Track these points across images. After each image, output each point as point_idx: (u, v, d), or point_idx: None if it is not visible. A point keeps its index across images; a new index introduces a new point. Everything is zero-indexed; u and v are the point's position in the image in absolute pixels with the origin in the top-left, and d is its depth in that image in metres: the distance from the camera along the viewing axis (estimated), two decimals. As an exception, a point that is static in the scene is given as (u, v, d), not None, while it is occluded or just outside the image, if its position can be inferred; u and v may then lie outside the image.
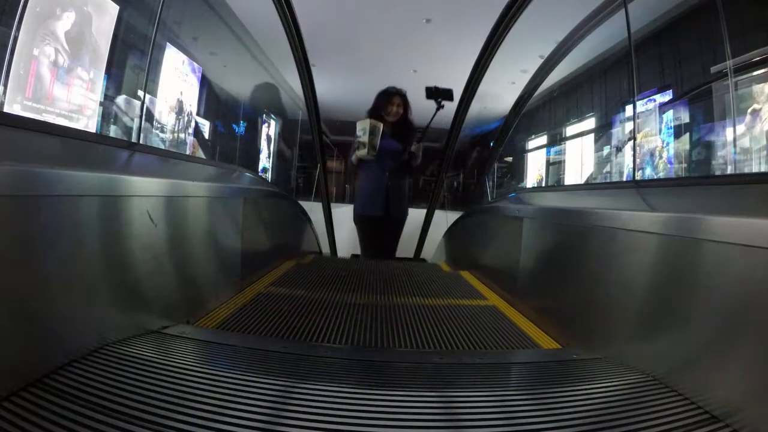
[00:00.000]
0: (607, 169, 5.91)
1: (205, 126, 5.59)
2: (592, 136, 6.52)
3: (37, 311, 0.65)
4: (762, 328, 0.59)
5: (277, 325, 1.16)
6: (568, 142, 7.18)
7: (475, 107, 3.74)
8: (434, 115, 2.91)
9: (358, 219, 3.20)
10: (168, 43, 4.24)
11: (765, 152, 3.41)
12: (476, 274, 2.16)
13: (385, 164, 3.00)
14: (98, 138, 1.91)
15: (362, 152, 2.87)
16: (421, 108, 3.05)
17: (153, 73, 3.97)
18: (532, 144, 8.36)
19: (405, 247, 3.36)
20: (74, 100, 2.92)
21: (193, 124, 5.07)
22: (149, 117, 4.07)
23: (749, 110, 3.56)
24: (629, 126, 5.37)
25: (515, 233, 1.60)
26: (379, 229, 3.12)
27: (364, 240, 3.24)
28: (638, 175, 4.72)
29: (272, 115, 8.02)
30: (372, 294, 1.68)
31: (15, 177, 0.61)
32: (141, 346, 0.83)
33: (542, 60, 3.79)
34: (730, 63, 3.36)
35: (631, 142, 5.13)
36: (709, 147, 4.16)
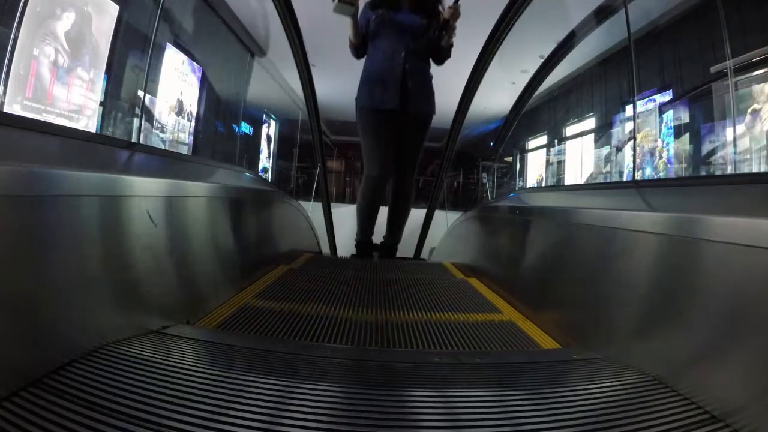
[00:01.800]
0: (607, 169, 5.92)
1: (205, 126, 5.59)
2: (592, 136, 6.53)
3: (37, 311, 0.65)
4: (762, 328, 0.60)
5: (278, 325, 1.16)
6: (568, 142, 7.19)
7: (476, 107, 3.74)
8: None
9: (361, 117, 2.27)
10: (168, 43, 4.24)
11: (765, 152, 3.41)
12: (475, 273, 2.16)
13: (402, 41, 2.18)
14: (98, 138, 1.91)
15: (334, 5, 2.06)
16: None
17: (153, 73, 3.98)
18: (532, 144, 8.38)
19: (404, 247, 3.31)
20: (74, 100, 2.92)
21: (192, 123, 5.07)
22: (149, 117, 4.07)
23: (749, 110, 3.56)
24: (629, 126, 5.37)
25: (515, 233, 1.60)
26: (391, 131, 2.23)
27: (369, 150, 2.24)
28: (638, 175, 4.72)
29: (272, 115, 8.04)
30: (372, 275, 1.89)
31: (15, 177, 0.61)
32: (141, 346, 0.83)
33: (542, 60, 3.79)
34: (730, 63, 3.36)
35: (631, 142, 5.13)
36: (710, 147, 4.15)
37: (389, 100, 2.15)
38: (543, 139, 8.10)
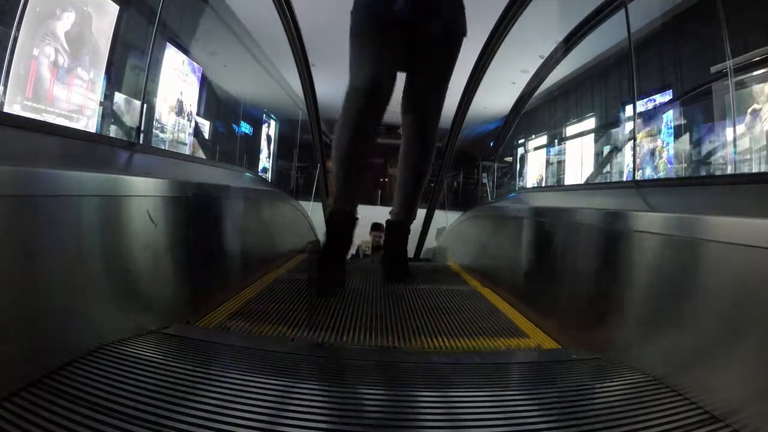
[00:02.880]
0: (607, 168, 5.92)
1: (205, 126, 5.60)
2: (592, 136, 6.53)
3: (37, 311, 0.65)
4: (761, 328, 0.60)
5: (277, 325, 1.16)
6: (568, 142, 7.19)
7: (476, 107, 3.74)
8: None
9: (354, 25, 1.56)
10: (168, 43, 4.24)
11: (765, 152, 3.41)
12: (474, 273, 2.16)
13: None
14: (98, 138, 1.91)
15: None
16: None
17: (153, 73, 3.98)
18: (532, 144, 8.38)
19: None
20: (74, 100, 2.92)
21: (193, 123, 5.07)
22: (149, 117, 4.07)
23: (749, 110, 3.56)
24: (629, 126, 5.38)
25: (515, 233, 1.60)
26: (397, 49, 1.54)
27: (358, 53, 1.54)
28: (638, 175, 4.72)
29: (272, 116, 8.03)
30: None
31: (15, 177, 0.61)
32: (141, 346, 0.83)
33: (542, 60, 3.80)
34: (730, 63, 3.37)
35: (631, 142, 5.13)
36: (709, 146, 4.15)
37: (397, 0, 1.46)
38: (543, 139, 8.10)
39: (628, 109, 5.27)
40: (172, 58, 4.45)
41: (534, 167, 8.39)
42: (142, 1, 3.51)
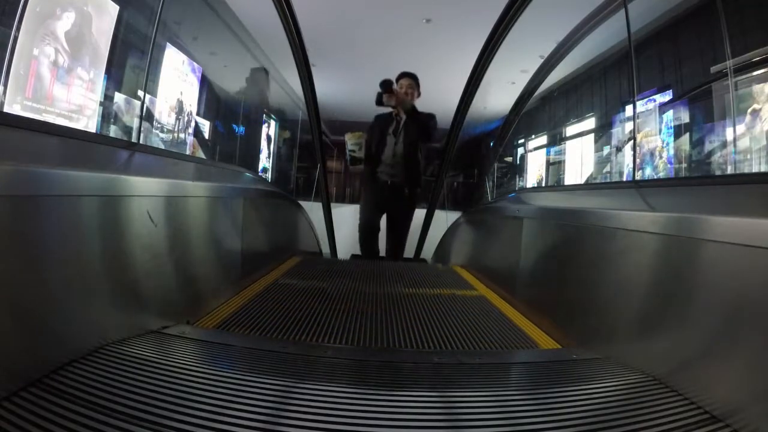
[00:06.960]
0: (607, 169, 5.92)
1: (205, 126, 5.58)
2: (591, 136, 6.52)
3: (37, 311, 0.65)
4: (761, 328, 0.59)
5: (277, 325, 1.16)
6: (568, 142, 7.18)
7: (476, 107, 3.74)
8: None
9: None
10: (168, 43, 4.24)
11: (765, 152, 3.41)
12: (475, 272, 2.16)
13: None
14: (98, 138, 1.90)
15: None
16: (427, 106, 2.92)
17: (153, 73, 3.97)
18: (532, 144, 8.37)
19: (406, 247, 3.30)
20: (74, 100, 2.92)
21: (192, 123, 5.07)
22: (149, 117, 4.07)
23: (749, 110, 3.56)
24: (629, 126, 5.37)
25: (515, 233, 1.60)
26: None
27: None
28: (638, 175, 4.72)
29: (272, 115, 8.03)
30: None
31: (15, 177, 0.61)
32: (141, 346, 0.83)
33: (542, 60, 3.79)
34: (729, 63, 3.36)
35: (631, 142, 5.13)
36: (710, 147, 4.16)
37: None
38: (543, 139, 8.10)
39: (628, 109, 5.27)
40: (172, 57, 4.45)
41: (534, 167, 8.38)
42: (143, 1, 3.51)
